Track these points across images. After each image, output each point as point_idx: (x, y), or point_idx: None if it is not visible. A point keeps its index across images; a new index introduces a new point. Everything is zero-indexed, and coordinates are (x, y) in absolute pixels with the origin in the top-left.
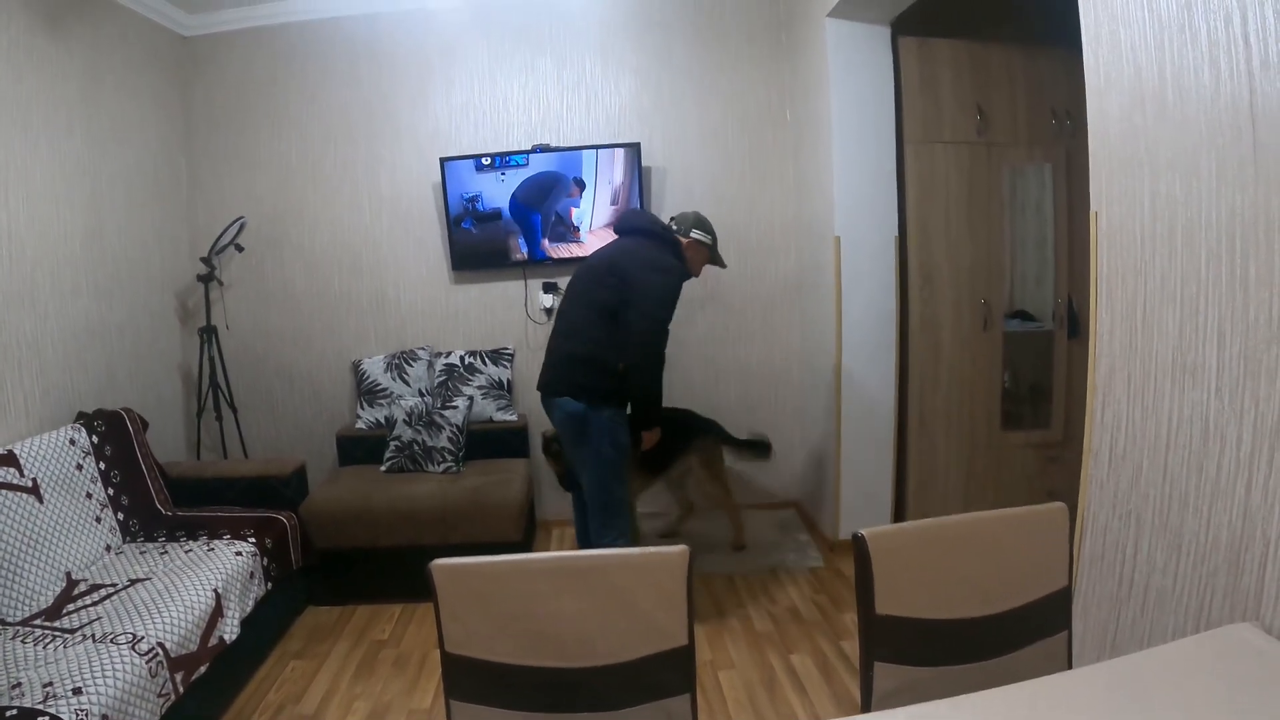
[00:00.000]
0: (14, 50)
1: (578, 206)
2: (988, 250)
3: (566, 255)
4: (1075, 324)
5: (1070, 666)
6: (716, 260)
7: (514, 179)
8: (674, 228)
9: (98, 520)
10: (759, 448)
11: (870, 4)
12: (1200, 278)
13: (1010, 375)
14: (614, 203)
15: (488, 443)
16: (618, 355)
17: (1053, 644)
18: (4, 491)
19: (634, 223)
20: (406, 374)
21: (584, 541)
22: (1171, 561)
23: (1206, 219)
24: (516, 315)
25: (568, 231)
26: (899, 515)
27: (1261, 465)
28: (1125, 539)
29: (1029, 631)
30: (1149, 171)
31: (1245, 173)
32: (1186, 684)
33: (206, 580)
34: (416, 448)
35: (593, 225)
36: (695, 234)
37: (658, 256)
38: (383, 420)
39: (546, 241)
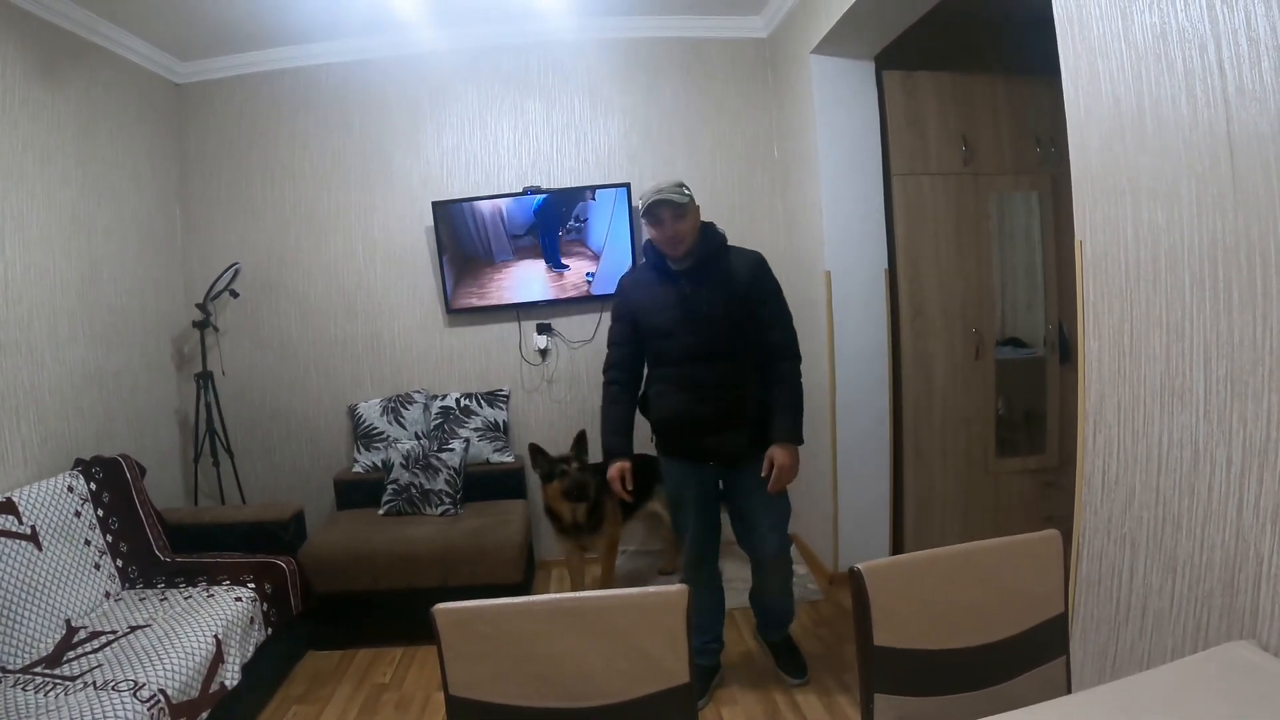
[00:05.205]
0: (9, 98)
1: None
2: (977, 279)
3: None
4: (1067, 349)
5: (1070, 691)
6: (649, 213)
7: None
8: None
9: (97, 567)
10: None
11: (853, 40)
12: (1185, 303)
13: (1004, 402)
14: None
15: (485, 484)
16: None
17: (1051, 669)
18: (3, 539)
19: None
20: (403, 417)
21: None
22: (1167, 583)
23: (1189, 245)
24: (511, 357)
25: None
26: (897, 545)
27: (1251, 485)
28: (1121, 562)
29: (1027, 658)
30: (1131, 200)
31: (1225, 199)
32: (1186, 703)
33: (207, 626)
34: (414, 490)
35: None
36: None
37: None
38: (380, 464)
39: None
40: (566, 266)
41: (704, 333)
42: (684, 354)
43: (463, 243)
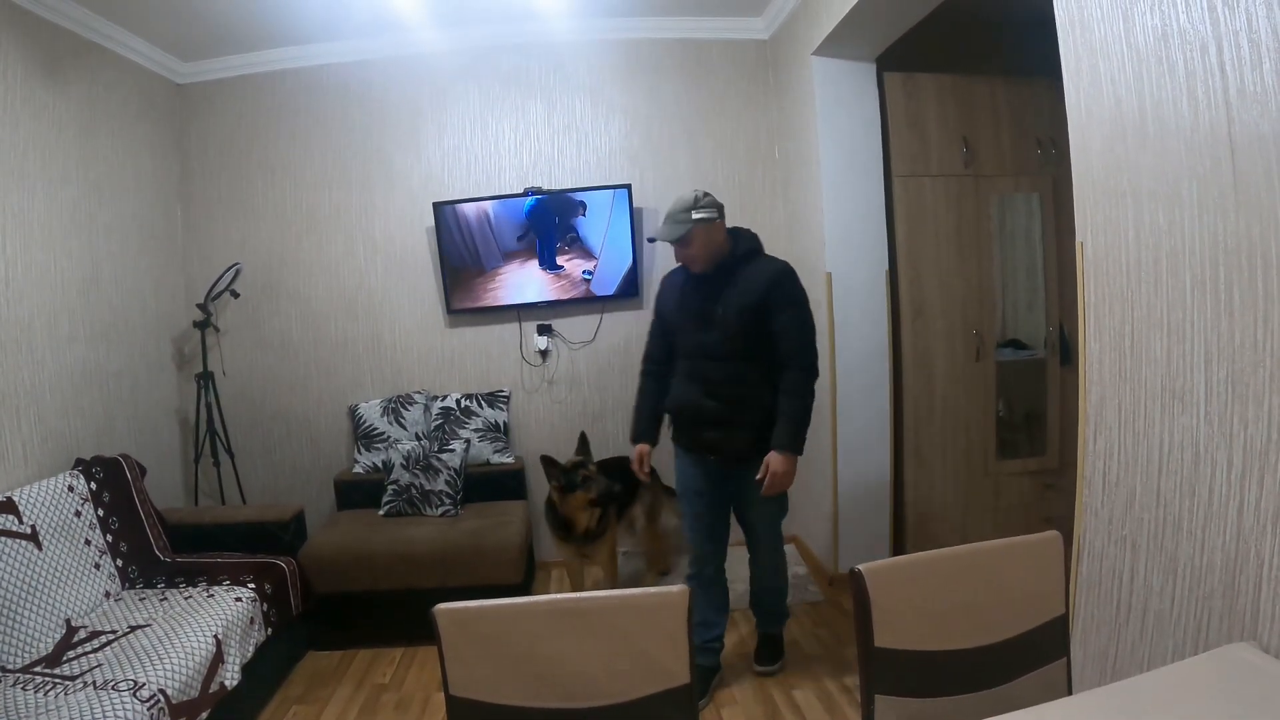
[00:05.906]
0: (10, 97)
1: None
2: (978, 281)
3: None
4: (1067, 351)
5: (1070, 693)
6: (665, 236)
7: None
8: None
9: (97, 567)
10: None
11: (855, 41)
12: (1186, 304)
13: (1004, 404)
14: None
15: (485, 485)
16: None
17: (1052, 671)
18: (3, 538)
19: None
20: (403, 418)
21: None
22: (1168, 585)
23: (1190, 247)
24: (511, 358)
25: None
26: (898, 547)
27: (1252, 487)
28: (1121, 564)
29: (1028, 659)
30: (1132, 201)
31: (1226, 200)
32: (1187, 704)
33: (207, 626)
34: (414, 491)
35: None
36: None
37: None
38: (380, 464)
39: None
40: (561, 268)
41: (713, 331)
42: (695, 349)
43: (450, 254)
